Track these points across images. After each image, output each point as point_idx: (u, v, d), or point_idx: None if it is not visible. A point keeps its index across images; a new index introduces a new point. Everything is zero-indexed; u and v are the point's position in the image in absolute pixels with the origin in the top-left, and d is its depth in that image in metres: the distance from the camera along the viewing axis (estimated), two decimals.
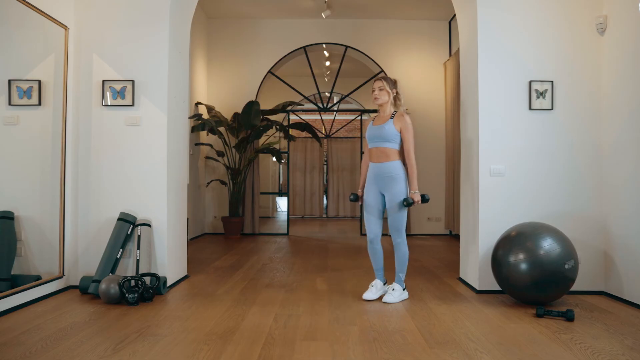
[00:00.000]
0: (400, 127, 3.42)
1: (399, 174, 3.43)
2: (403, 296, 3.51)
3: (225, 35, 7.66)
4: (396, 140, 3.43)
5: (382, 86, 3.47)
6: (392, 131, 3.41)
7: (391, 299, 3.42)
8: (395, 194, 3.42)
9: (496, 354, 2.46)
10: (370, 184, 3.54)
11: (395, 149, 3.44)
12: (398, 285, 3.50)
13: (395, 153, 3.44)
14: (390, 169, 3.43)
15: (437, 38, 7.65)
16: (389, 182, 3.44)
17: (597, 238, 3.76)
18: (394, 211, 3.44)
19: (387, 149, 3.43)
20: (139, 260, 3.74)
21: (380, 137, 3.44)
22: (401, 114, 3.45)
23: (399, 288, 3.49)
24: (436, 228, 7.60)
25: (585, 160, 3.80)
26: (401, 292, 3.49)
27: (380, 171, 3.46)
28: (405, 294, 3.54)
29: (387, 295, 3.45)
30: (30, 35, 3.62)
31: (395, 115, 3.45)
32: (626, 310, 3.30)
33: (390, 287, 3.50)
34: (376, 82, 3.52)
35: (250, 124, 6.81)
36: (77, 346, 2.52)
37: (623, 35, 3.60)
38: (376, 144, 3.47)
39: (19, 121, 3.57)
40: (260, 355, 2.42)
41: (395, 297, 3.44)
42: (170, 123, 3.98)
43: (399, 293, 3.47)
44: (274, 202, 12.03)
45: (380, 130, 3.44)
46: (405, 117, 3.44)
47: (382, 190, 3.49)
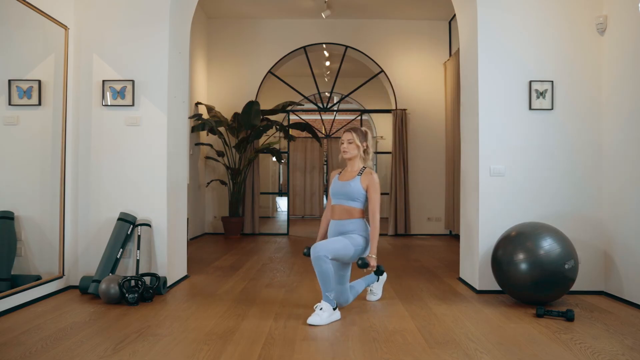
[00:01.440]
0: (367, 185, 3.18)
1: (363, 230, 3.18)
2: (333, 317, 3.00)
3: (225, 35, 7.66)
4: (361, 199, 3.19)
5: (352, 139, 3.23)
6: (358, 190, 3.17)
7: (317, 320, 2.92)
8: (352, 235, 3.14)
9: (496, 354, 2.46)
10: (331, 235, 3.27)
11: (359, 208, 3.20)
12: (326, 304, 2.98)
13: (359, 212, 3.20)
14: (352, 226, 3.17)
15: (437, 38, 7.65)
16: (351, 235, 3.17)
17: (597, 238, 3.76)
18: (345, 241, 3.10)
19: (351, 208, 3.19)
20: (139, 260, 3.74)
21: (345, 194, 3.19)
22: (369, 171, 3.22)
23: (328, 307, 2.98)
24: (436, 228, 7.60)
25: (585, 160, 3.80)
26: (331, 312, 2.98)
27: (342, 229, 3.19)
28: (337, 314, 3.04)
29: (313, 316, 2.94)
30: (30, 35, 3.62)
31: (363, 173, 3.21)
32: (626, 310, 3.30)
33: (318, 305, 2.99)
34: (345, 134, 3.26)
35: (250, 124, 6.81)
36: (77, 346, 2.52)
37: (623, 35, 3.60)
38: (340, 201, 3.22)
39: (19, 121, 3.57)
40: (260, 355, 2.42)
41: (323, 319, 2.94)
42: (170, 123, 3.98)
43: (328, 314, 2.97)
44: (274, 202, 12.03)
45: (345, 188, 3.20)
46: (374, 175, 3.20)
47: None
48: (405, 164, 7.51)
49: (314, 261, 2.98)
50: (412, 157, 7.59)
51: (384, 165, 10.53)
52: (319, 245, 3.02)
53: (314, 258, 2.98)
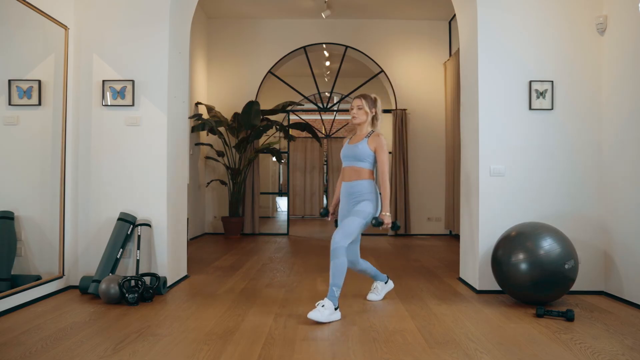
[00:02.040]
0: (374, 146, 3.28)
1: (369, 193, 3.26)
2: (333, 317, 2.97)
3: (225, 35, 7.66)
4: (369, 160, 3.29)
5: (361, 105, 3.35)
6: (365, 151, 3.28)
7: (318, 316, 2.90)
8: (361, 204, 3.23)
9: (496, 354, 2.46)
10: (343, 204, 3.38)
11: (368, 169, 3.30)
12: (329, 302, 2.97)
13: (368, 172, 3.30)
14: (360, 187, 3.27)
15: (437, 38, 7.65)
16: (358, 199, 3.27)
17: (597, 238, 3.76)
18: (351, 214, 3.21)
19: (360, 168, 3.29)
20: (139, 260, 3.74)
21: (354, 156, 3.31)
22: (377, 134, 3.32)
23: (330, 306, 2.95)
24: (436, 228, 7.60)
25: (585, 160, 3.80)
26: (332, 311, 2.95)
27: (352, 190, 3.30)
28: (337, 314, 3.01)
29: (314, 311, 2.93)
30: (30, 35, 3.62)
31: (370, 135, 3.32)
32: (626, 310, 3.30)
33: (320, 303, 2.97)
34: (355, 100, 3.38)
35: (250, 124, 6.81)
36: (77, 346, 2.52)
37: (623, 35, 3.60)
38: (349, 163, 3.34)
39: (19, 121, 3.57)
40: (260, 355, 2.42)
41: (324, 316, 2.91)
42: (170, 123, 3.98)
43: (329, 312, 2.94)
44: (274, 202, 12.03)
45: (354, 150, 3.31)
46: (381, 137, 3.30)
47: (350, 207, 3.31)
48: (405, 164, 7.51)
49: (332, 252, 3.08)
50: (412, 157, 7.59)
51: None
52: (337, 235, 3.12)
53: (332, 249, 3.08)
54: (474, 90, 3.93)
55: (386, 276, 3.62)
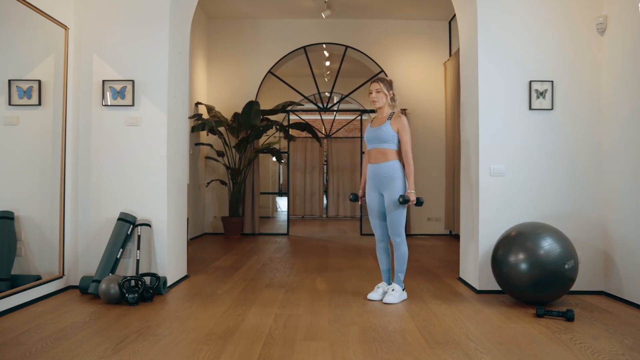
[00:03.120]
0: (397, 127, 3.45)
1: (397, 173, 3.44)
2: (402, 297, 3.50)
3: (225, 35, 7.66)
4: (394, 140, 3.46)
5: (380, 88, 3.49)
6: (389, 132, 3.44)
7: (391, 299, 3.41)
8: (393, 193, 3.42)
9: (496, 354, 2.46)
10: (370, 186, 3.55)
11: (393, 149, 3.47)
12: (397, 285, 3.49)
13: (393, 153, 3.46)
14: (388, 168, 3.45)
15: (437, 38, 7.65)
16: (387, 181, 3.44)
17: (597, 238, 3.76)
18: (392, 210, 3.43)
19: (385, 149, 3.46)
20: (139, 260, 3.74)
21: (378, 138, 3.47)
22: (398, 115, 3.48)
23: (399, 288, 3.48)
24: (436, 228, 7.60)
25: (585, 160, 3.80)
26: (400, 292, 3.48)
27: (378, 171, 3.47)
28: (404, 295, 3.53)
29: (387, 296, 3.44)
30: (30, 35, 3.62)
31: (392, 117, 3.48)
32: (626, 310, 3.30)
33: (390, 287, 3.49)
34: (373, 84, 3.53)
35: (250, 124, 6.81)
36: (77, 346, 2.52)
37: (623, 35, 3.60)
38: (374, 145, 3.50)
39: (19, 121, 3.57)
40: (260, 355, 2.42)
41: (396, 298, 3.43)
42: (170, 123, 3.98)
43: (399, 294, 3.46)
44: (274, 202, 12.03)
45: (377, 132, 3.47)
46: (402, 118, 3.47)
47: (381, 190, 3.49)
48: None
49: (395, 247, 3.48)
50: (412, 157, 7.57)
51: None
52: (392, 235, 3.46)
53: (394, 244, 3.47)
54: (474, 90, 3.93)
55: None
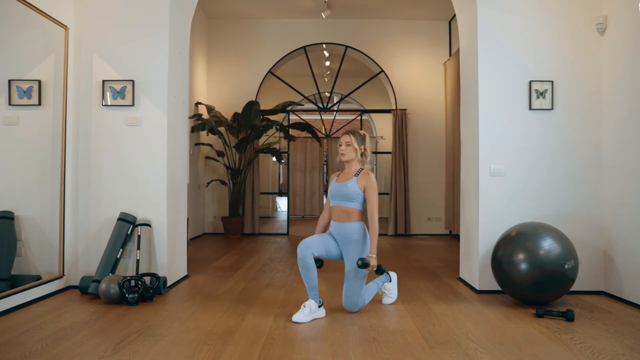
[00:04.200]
0: (364, 185, 3.19)
1: (359, 237, 3.21)
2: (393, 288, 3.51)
3: (225, 35, 7.66)
4: (358, 199, 3.21)
5: (350, 142, 3.25)
6: (355, 190, 3.19)
7: (388, 299, 3.46)
8: (354, 259, 3.18)
9: (496, 354, 2.46)
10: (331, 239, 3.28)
11: (357, 209, 3.22)
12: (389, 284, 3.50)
13: (357, 213, 3.22)
14: (350, 230, 3.20)
15: (437, 38, 7.65)
16: (348, 244, 3.21)
17: (597, 238, 3.76)
18: (351, 278, 3.18)
19: (349, 209, 3.21)
20: (139, 260, 3.74)
21: (342, 195, 3.22)
22: (366, 172, 3.25)
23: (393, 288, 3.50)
24: (436, 228, 7.60)
25: (585, 160, 3.80)
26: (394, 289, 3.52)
27: (342, 231, 3.22)
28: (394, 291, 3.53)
29: (385, 298, 3.47)
30: (30, 35, 3.62)
31: (360, 174, 3.24)
32: (626, 310, 3.30)
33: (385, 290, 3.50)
34: (344, 137, 3.29)
35: (250, 124, 6.81)
36: (77, 346, 2.52)
37: (623, 35, 3.60)
38: (338, 203, 3.26)
39: (19, 121, 3.57)
40: (260, 355, 2.42)
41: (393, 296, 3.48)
42: (170, 123, 3.98)
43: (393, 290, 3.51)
44: (274, 202, 12.03)
45: (342, 189, 3.23)
46: (370, 175, 3.23)
47: (342, 249, 3.26)
48: (405, 164, 7.51)
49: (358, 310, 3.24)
50: (412, 157, 7.59)
51: (384, 165, 10.53)
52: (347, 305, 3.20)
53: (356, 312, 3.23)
54: (474, 90, 3.93)
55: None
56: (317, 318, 3.09)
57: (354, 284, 3.17)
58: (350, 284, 3.18)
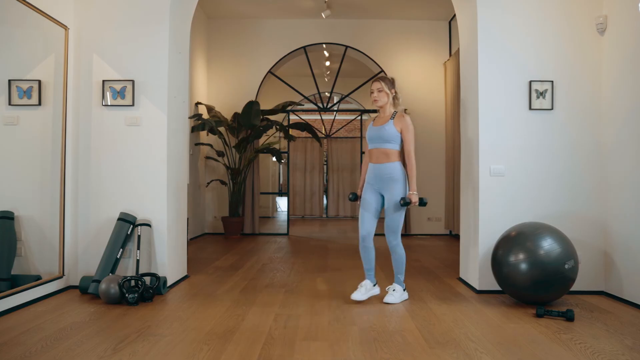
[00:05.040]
0: (400, 127, 3.38)
1: (399, 175, 3.38)
2: (403, 297, 3.50)
3: (225, 35, 7.66)
4: (396, 141, 3.39)
5: (381, 87, 3.42)
6: (392, 132, 3.37)
7: (392, 299, 3.42)
8: (394, 194, 3.37)
9: (496, 354, 2.46)
10: (370, 185, 3.49)
11: (396, 150, 3.40)
12: (398, 285, 3.49)
13: (396, 154, 3.40)
14: (390, 169, 3.39)
15: (437, 38, 7.65)
16: (388, 182, 3.39)
17: (597, 238, 3.76)
18: (392, 212, 3.39)
19: (388, 149, 3.39)
20: (139, 260, 3.74)
21: (381, 138, 3.40)
22: (401, 114, 3.41)
23: (399, 289, 3.49)
24: (436, 228, 7.60)
25: (585, 160, 3.80)
26: (402, 292, 3.49)
27: (380, 172, 3.42)
28: (405, 295, 3.53)
29: (388, 296, 3.45)
30: (30, 35, 3.62)
31: (395, 116, 3.41)
32: (626, 310, 3.30)
33: (391, 287, 3.50)
34: (374, 84, 3.46)
35: (250, 124, 6.81)
36: (77, 346, 2.52)
37: (623, 35, 3.60)
38: (376, 145, 3.43)
39: (19, 121, 3.57)
40: (260, 355, 2.42)
41: (396, 298, 3.44)
42: (170, 123, 3.98)
43: (400, 294, 3.47)
44: (274, 202, 12.03)
45: (380, 131, 3.40)
46: (406, 117, 3.40)
47: (382, 190, 3.44)
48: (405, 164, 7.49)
49: (391, 250, 3.45)
50: None
51: None
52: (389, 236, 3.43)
53: (390, 248, 3.44)
54: (474, 90, 3.93)
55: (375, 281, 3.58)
56: (373, 295, 3.52)
57: (393, 216, 3.39)
58: (390, 218, 3.40)
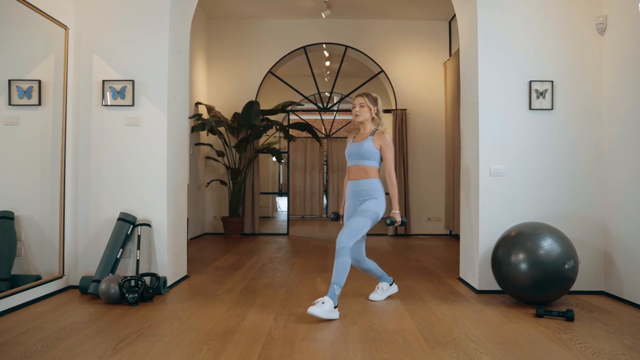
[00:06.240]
0: (380, 144, 3.29)
1: (377, 193, 3.27)
2: (332, 314, 2.97)
3: (225, 35, 7.66)
4: (375, 158, 3.31)
5: (364, 103, 3.35)
6: (371, 149, 3.29)
7: (317, 311, 2.92)
8: (367, 203, 3.24)
9: (496, 354, 2.46)
10: (349, 204, 3.38)
11: (374, 167, 3.32)
12: (329, 299, 2.97)
13: (374, 171, 3.32)
14: (367, 185, 3.29)
15: (437, 38, 7.65)
16: (366, 199, 3.28)
17: (597, 238, 3.76)
18: (358, 214, 3.21)
19: (366, 166, 3.31)
20: (139, 260, 3.74)
21: (359, 154, 3.32)
22: (381, 132, 3.34)
23: (330, 303, 2.96)
24: (436, 228, 7.60)
25: (585, 160, 3.80)
26: (331, 308, 2.96)
27: (357, 188, 3.32)
28: (336, 314, 3.00)
29: (314, 307, 2.93)
30: (30, 35, 3.62)
31: (375, 133, 3.33)
32: (626, 310, 3.30)
33: (320, 299, 2.98)
34: (357, 98, 3.38)
35: (250, 124, 6.81)
36: (77, 346, 2.52)
37: (623, 35, 3.60)
38: (355, 162, 3.35)
39: (19, 121, 3.57)
40: (260, 355, 2.42)
41: (324, 312, 2.93)
42: (170, 123, 3.98)
43: (329, 308, 2.94)
44: (274, 202, 12.03)
45: (359, 148, 3.32)
46: (386, 135, 3.32)
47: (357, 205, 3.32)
48: (405, 164, 7.50)
49: (337, 251, 3.10)
50: (412, 157, 7.59)
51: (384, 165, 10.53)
52: (342, 235, 3.13)
53: (337, 249, 3.10)
54: (474, 91, 3.93)
55: (392, 279, 3.65)
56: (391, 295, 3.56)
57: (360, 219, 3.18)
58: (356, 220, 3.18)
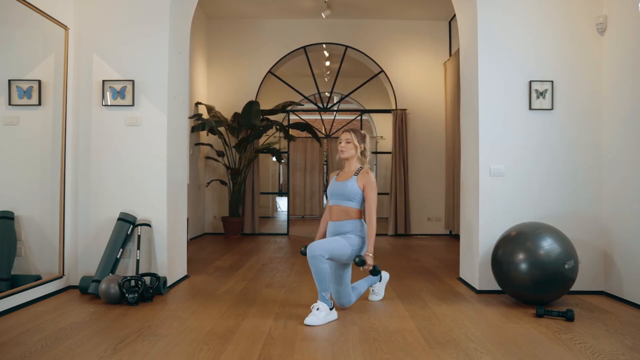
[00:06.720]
0: (363, 184, 3.17)
1: (358, 230, 3.17)
2: (330, 317, 3.00)
3: (225, 35, 7.66)
4: (358, 199, 3.18)
5: (350, 139, 3.24)
6: (354, 189, 3.17)
7: (314, 320, 2.92)
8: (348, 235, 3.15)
9: (496, 354, 2.46)
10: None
11: (357, 209, 3.20)
12: (323, 304, 2.98)
13: (356, 212, 3.19)
14: (350, 226, 3.17)
15: (437, 38, 7.65)
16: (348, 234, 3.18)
17: (597, 238, 3.76)
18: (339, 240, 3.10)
19: (349, 208, 3.19)
20: (139, 260, 3.74)
21: (342, 195, 3.19)
22: (366, 171, 3.22)
23: (325, 308, 2.98)
24: (436, 228, 7.60)
25: (585, 160, 3.80)
26: (327, 312, 2.99)
27: (341, 230, 3.19)
28: (334, 314, 3.05)
29: (310, 316, 2.95)
30: (30, 35, 3.62)
31: (359, 172, 3.21)
32: (626, 310, 3.30)
33: (315, 306, 2.99)
34: (344, 134, 3.28)
35: (250, 124, 6.81)
36: (77, 346, 2.52)
37: (623, 35, 3.60)
38: (337, 202, 3.22)
39: (19, 121, 3.57)
40: (260, 355, 2.42)
41: (320, 319, 2.94)
42: (170, 123, 3.98)
43: (325, 313, 2.97)
44: (274, 202, 12.03)
45: (342, 188, 3.20)
46: (370, 174, 3.20)
47: None
48: (405, 164, 7.51)
49: (310, 260, 2.97)
50: (412, 157, 7.59)
51: (384, 165, 10.53)
52: (315, 244, 3.01)
53: (310, 257, 2.97)
54: (474, 91, 3.93)
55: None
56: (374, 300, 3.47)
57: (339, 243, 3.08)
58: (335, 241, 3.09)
